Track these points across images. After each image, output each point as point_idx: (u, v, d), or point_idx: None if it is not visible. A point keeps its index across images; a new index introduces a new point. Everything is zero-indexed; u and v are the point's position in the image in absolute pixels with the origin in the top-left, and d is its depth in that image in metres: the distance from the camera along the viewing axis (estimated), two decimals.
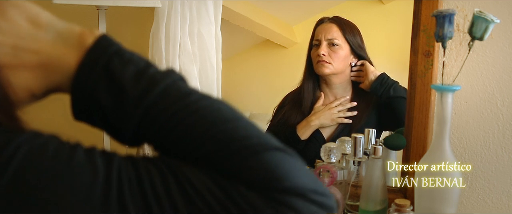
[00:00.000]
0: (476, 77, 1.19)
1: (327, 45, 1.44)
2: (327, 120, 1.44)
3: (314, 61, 1.47)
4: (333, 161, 1.17)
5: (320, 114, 1.44)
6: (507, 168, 1.19)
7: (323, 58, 1.43)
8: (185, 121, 0.43)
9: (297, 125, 1.47)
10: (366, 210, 1.11)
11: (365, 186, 1.11)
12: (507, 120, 1.18)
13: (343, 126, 1.45)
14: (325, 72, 1.45)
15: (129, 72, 0.44)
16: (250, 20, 1.82)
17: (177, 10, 1.35)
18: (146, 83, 0.44)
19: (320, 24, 1.48)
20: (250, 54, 1.85)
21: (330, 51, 1.43)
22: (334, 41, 1.43)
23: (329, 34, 1.44)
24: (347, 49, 1.45)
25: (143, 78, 0.44)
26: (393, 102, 1.39)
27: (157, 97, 0.43)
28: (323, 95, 1.49)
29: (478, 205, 1.23)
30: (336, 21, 1.46)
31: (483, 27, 0.94)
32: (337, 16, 1.48)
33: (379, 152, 1.10)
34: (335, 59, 1.43)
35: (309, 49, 1.50)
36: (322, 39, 1.44)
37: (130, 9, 1.57)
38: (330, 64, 1.43)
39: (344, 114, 1.44)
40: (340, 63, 1.44)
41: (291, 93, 1.55)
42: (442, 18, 0.95)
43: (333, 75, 1.46)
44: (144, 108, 0.43)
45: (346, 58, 1.46)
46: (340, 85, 1.48)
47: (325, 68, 1.44)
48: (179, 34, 1.36)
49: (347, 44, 1.45)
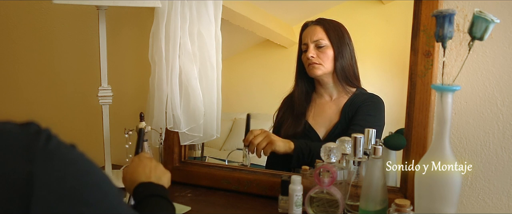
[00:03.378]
0: (476, 77, 1.19)
1: (315, 47, 1.46)
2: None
3: (305, 65, 1.49)
4: (333, 161, 1.17)
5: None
6: (507, 168, 1.19)
7: (313, 61, 1.45)
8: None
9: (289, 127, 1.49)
10: (366, 210, 1.11)
11: (365, 186, 1.11)
12: (507, 120, 1.18)
13: (338, 124, 1.46)
14: (317, 74, 1.47)
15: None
16: (250, 20, 1.82)
17: (177, 10, 1.35)
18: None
19: (305, 28, 1.51)
20: (250, 54, 1.85)
21: (318, 52, 1.45)
22: (320, 42, 1.45)
23: (314, 36, 1.46)
24: (333, 50, 1.46)
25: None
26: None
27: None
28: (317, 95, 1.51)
29: (478, 205, 1.23)
30: (320, 22, 1.48)
31: (483, 27, 0.94)
32: (321, 18, 1.49)
33: (379, 152, 1.10)
34: (325, 59, 1.45)
35: (299, 54, 1.51)
36: (309, 42, 1.46)
37: (130, 9, 1.57)
38: (321, 65, 1.45)
39: None
40: (330, 63, 1.46)
41: (287, 96, 1.57)
42: (442, 18, 0.95)
43: (325, 75, 1.47)
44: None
45: (334, 58, 1.46)
46: (334, 85, 1.49)
47: (317, 70, 1.46)
48: (179, 34, 1.36)
49: (332, 46, 1.46)
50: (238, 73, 1.82)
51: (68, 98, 1.81)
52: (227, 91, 1.51)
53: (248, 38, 1.90)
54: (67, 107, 1.81)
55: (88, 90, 1.66)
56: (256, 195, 1.39)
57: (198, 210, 1.29)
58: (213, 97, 1.43)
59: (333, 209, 1.15)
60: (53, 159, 0.56)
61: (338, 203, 1.14)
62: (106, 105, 1.44)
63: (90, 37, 1.68)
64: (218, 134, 1.46)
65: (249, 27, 1.83)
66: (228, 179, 1.44)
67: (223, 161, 1.63)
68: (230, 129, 1.78)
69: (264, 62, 1.80)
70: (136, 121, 1.34)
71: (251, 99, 1.82)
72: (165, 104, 1.39)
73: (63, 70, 1.80)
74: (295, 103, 1.52)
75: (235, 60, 1.81)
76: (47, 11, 1.78)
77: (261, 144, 1.41)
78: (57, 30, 1.78)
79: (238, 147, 1.70)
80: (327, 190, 1.14)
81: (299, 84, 1.53)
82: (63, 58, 1.80)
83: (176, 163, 1.51)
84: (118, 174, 1.52)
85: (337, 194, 1.14)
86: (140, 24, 1.62)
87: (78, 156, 0.60)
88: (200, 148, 1.64)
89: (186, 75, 1.38)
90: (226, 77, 1.48)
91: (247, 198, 1.38)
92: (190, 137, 1.44)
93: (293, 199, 1.17)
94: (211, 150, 1.71)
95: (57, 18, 1.77)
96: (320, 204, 1.17)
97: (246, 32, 1.83)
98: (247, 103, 1.83)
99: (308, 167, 1.28)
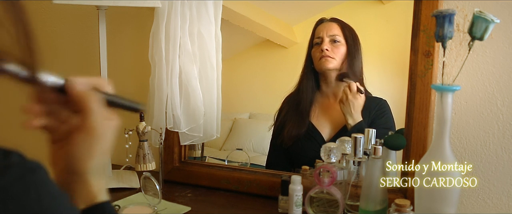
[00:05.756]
0: (476, 77, 1.19)
1: (330, 41, 1.46)
2: None
3: (316, 58, 1.48)
4: (333, 161, 1.17)
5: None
6: (507, 168, 1.19)
7: (327, 53, 1.45)
8: None
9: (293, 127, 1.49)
10: (366, 210, 1.11)
11: (365, 186, 1.11)
12: (507, 120, 1.18)
13: (344, 126, 1.45)
14: (329, 67, 1.46)
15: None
16: (250, 20, 1.82)
17: (177, 10, 1.35)
18: None
19: (320, 23, 1.51)
20: (250, 54, 1.85)
21: (332, 47, 1.46)
22: (336, 37, 1.47)
23: (330, 31, 1.47)
24: (346, 47, 1.47)
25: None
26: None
27: None
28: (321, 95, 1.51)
29: (478, 205, 1.23)
30: (336, 20, 1.50)
31: (483, 27, 0.94)
32: (336, 18, 1.51)
33: (379, 152, 1.10)
34: (338, 54, 1.46)
35: (309, 48, 1.51)
36: (324, 36, 1.47)
37: (130, 9, 1.57)
38: (333, 59, 1.46)
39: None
40: (341, 59, 1.47)
41: (288, 96, 1.56)
42: (442, 18, 0.95)
43: (334, 71, 1.47)
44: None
45: (346, 56, 1.47)
46: (340, 84, 1.49)
47: (329, 63, 1.46)
48: (179, 34, 1.36)
49: (346, 43, 1.47)
50: (238, 73, 1.82)
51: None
52: (227, 91, 1.51)
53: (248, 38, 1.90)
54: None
55: None
56: (256, 195, 1.39)
57: (198, 210, 1.29)
58: (213, 97, 1.43)
59: (333, 209, 1.15)
60: (8, 203, 0.43)
61: (338, 203, 1.14)
62: None
63: (90, 37, 1.68)
64: (218, 134, 1.46)
65: (249, 27, 1.83)
66: (228, 179, 1.44)
67: (223, 161, 1.63)
68: (230, 129, 1.78)
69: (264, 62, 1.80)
70: (136, 121, 1.34)
71: (251, 99, 1.82)
72: (165, 104, 1.39)
73: (63, 70, 1.79)
74: (301, 99, 1.51)
75: (235, 60, 1.81)
76: (47, 11, 1.78)
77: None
78: (57, 30, 1.78)
79: (238, 147, 1.70)
80: (327, 190, 1.14)
81: (305, 80, 1.52)
82: (63, 58, 1.80)
83: (176, 163, 1.51)
84: (118, 174, 1.52)
85: (337, 194, 1.14)
86: (140, 24, 1.62)
87: (52, 208, 0.47)
88: (200, 148, 1.64)
89: (186, 75, 1.38)
90: (226, 77, 1.48)
91: (247, 198, 1.38)
92: (190, 137, 1.44)
93: (293, 199, 1.17)
94: (211, 150, 1.71)
95: (57, 18, 1.77)
96: (320, 204, 1.17)
97: (246, 32, 1.83)
98: (247, 103, 1.83)
99: (308, 167, 1.28)
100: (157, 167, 1.40)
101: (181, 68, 1.38)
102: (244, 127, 1.78)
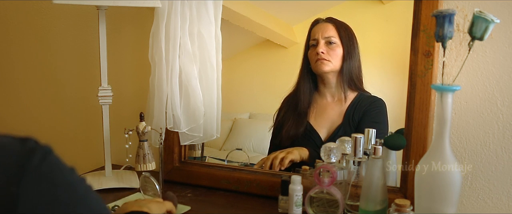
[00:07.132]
0: (476, 77, 1.19)
1: (325, 43, 1.45)
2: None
3: (312, 60, 1.48)
4: (333, 161, 1.17)
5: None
6: (507, 168, 1.19)
7: (322, 56, 1.45)
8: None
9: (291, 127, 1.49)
10: (366, 210, 1.11)
11: (365, 186, 1.11)
12: (507, 120, 1.18)
13: (341, 126, 1.45)
14: (325, 70, 1.46)
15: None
16: (250, 20, 1.82)
17: (177, 10, 1.35)
18: None
19: (315, 24, 1.50)
20: (250, 54, 1.84)
21: (328, 49, 1.45)
22: (331, 39, 1.46)
23: (325, 32, 1.46)
24: (343, 48, 1.46)
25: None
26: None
27: None
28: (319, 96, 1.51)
29: (478, 205, 1.23)
30: (332, 21, 1.49)
31: (483, 27, 0.94)
32: (332, 17, 1.50)
33: (379, 152, 1.10)
34: (334, 56, 1.45)
35: (306, 50, 1.51)
36: (320, 38, 1.46)
37: (130, 9, 1.57)
38: (329, 61, 1.45)
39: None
40: (338, 61, 1.46)
41: (288, 96, 1.56)
42: (442, 18, 0.95)
43: (331, 73, 1.47)
44: None
45: (343, 57, 1.47)
46: (337, 85, 1.49)
47: (325, 66, 1.45)
48: (179, 34, 1.36)
49: (342, 44, 1.46)
50: (238, 73, 1.82)
51: (68, 98, 1.81)
52: (227, 91, 1.51)
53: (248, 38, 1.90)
54: (67, 107, 1.81)
55: (88, 90, 1.66)
56: (256, 195, 1.39)
57: (198, 210, 1.29)
58: (213, 97, 1.42)
59: (333, 209, 1.15)
60: (43, 182, 0.51)
61: (338, 203, 1.14)
62: (106, 105, 1.44)
63: (90, 37, 1.68)
64: (218, 134, 1.46)
65: (249, 27, 1.83)
66: (228, 179, 1.44)
67: (223, 161, 1.63)
68: (230, 129, 1.78)
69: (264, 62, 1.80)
70: (136, 121, 1.34)
71: (251, 99, 1.82)
72: (165, 104, 1.39)
73: (63, 70, 1.80)
74: (299, 100, 1.52)
75: (235, 60, 1.81)
76: (47, 11, 1.78)
77: (279, 156, 1.42)
78: (57, 30, 1.79)
79: (238, 147, 1.70)
80: (327, 190, 1.14)
81: (303, 81, 1.52)
82: (63, 58, 1.80)
83: (176, 163, 1.51)
84: (118, 174, 1.52)
85: (337, 194, 1.14)
86: (140, 24, 1.62)
87: (74, 181, 0.55)
88: (200, 148, 1.64)
89: (186, 75, 1.38)
90: (226, 77, 1.48)
91: (247, 198, 1.38)
92: (190, 137, 1.44)
93: (293, 199, 1.17)
94: (211, 150, 1.71)
95: (57, 18, 1.77)
96: (320, 204, 1.17)
97: (246, 32, 1.83)
98: (247, 103, 1.83)
99: (308, 167, 1.28)
100: (157, 167, 1.40)
101: (181, 68, 1.38)
102: (244, 127, 1.78)
